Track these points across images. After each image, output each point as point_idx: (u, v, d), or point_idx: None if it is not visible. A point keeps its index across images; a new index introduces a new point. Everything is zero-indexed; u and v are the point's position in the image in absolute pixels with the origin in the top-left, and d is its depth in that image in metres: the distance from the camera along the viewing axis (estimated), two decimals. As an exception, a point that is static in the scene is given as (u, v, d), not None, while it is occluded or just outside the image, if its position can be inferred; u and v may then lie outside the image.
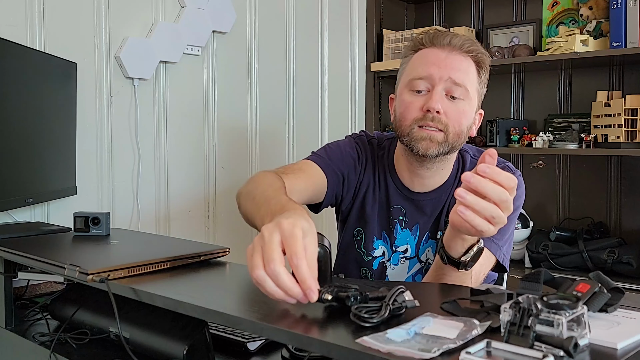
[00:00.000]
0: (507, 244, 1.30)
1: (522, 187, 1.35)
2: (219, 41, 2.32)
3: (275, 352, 1.11)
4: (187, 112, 2.24)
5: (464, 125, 1.30)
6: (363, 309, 0.78)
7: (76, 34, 1.91)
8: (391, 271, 1.42)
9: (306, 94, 2.69)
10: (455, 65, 1.28)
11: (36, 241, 1.41)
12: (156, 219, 2.14)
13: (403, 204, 1.40)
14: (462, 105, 1.29)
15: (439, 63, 1.28)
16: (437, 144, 1.27)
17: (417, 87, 1.29)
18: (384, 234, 1.42)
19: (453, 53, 1.29)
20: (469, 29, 2.90)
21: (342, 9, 2.84)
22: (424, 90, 1.29)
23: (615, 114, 2.40)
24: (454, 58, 1.29)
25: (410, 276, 1.40)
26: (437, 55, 1.29)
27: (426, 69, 1.28)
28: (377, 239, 1.42)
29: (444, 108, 1.27)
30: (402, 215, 1.41)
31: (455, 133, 1.28)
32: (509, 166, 1.37)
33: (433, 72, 1.27)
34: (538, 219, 2.77)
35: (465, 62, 1.29)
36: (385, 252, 1.43)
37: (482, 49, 1.34)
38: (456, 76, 1.27)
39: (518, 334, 0.66)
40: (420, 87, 1.29)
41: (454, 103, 1.28)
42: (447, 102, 1.28)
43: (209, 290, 1.09)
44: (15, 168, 1.57)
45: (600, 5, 2.58)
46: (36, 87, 1.65)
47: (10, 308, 1.36)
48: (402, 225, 1.41)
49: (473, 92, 1.30)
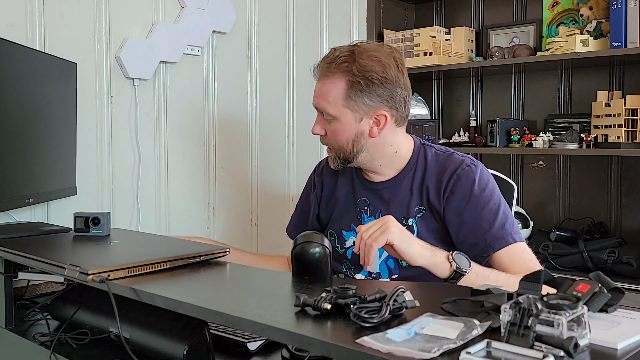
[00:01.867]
0: (510, 223, 1.40)
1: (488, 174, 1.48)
2: (219, 41, 2.32)
3: (275, 352, 1.11)
4: (187, 112, 2.24)
5: (340, 140, 1.46)
6: (363, 309, 0.78)
7: (76, 34, 1.91)
8: None
9: (306, 94, 2.67)
10: (317, 92, 1.47)
11: (36, 241, 1.41)
12: (156, 219, 2.14)
13: (367, 195, 1.54)
14: (333, 125, 1.45)
15: (315, 94, 1.48)
16: (332, 159, 1.51)
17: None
18: (352, 226, 1.54)
19: (320, 80, 1.47)
20: (469, 29, 2.90)
21: (342, 9, 2.84)
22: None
23: (616, 114, 2.40)
24: (318, 85, 1.47)
25: (382, 261, 1.48)
26: (315, 87, 1.48)
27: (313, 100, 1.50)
28: (345, 232, 1.55)
29: (326, 128, 1.47)
30: (366, 205, 1.54)
31: (338, 148, 1.47)
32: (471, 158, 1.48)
33: (313, 102, 1.48)
34: (538, 219, 2.76)
35: (326, 86, 1.44)
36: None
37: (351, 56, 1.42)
38: (318, 103, 1.46)
39: (518, 334, 0.66)
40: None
41: (330, 123, 1.46)
42: (327, 124, 1.47)
43: (209, 290, 1.09)
44: (15, 168, 1.57)
45: (601, 5, 2.58)
46: (36, 87, 1.65)
47: (11, 308, 1.36)
48: (368, 214, 1.53)
49: (338, 111, 1.43)
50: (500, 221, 1.39)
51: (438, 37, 2.82)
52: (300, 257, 1.11)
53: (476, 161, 1.48)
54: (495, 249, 1.37)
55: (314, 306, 0.83)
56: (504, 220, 1.39)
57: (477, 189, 1.41)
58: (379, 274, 1.48)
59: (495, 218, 1.39)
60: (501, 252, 1.36)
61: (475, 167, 1.45)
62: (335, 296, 0.83)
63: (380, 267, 1.48)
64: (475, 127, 2.95)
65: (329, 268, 1.13)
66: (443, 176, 1.44)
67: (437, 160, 1.48)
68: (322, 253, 1.11)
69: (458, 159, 1.47)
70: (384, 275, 1.48)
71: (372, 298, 0.82)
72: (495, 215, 1.39)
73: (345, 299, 0.82)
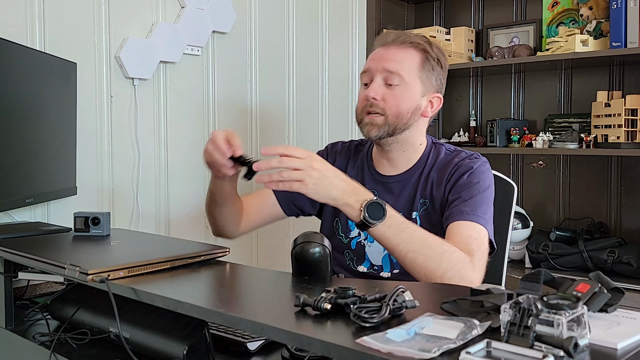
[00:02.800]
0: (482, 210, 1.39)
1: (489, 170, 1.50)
2: (219, 41, 2.32)
3: (275, 352, 1.11)
4: (187, 112, 2.24)
5: (402, 107, 1.46)
6: (363, 309, 0.78)
7: (76, 34, 1.91)
8: (369, 249, 1.52)
9: (306, 94, 2.69)
10: (390, 57, 1.48)
11: (36, 241, 1.41)
12: (156, 219, 2.14)
13: (375, 187, 1.53)
14: (398, 90, 1.46)
15: (377, 58, 1.49)
16: (378, 127, 1.46)
17: (364, 80, 1.51)
18: None
19: (391, 47, 1.49)
20: (469, 29, 2.90)
21: (342, 9, 2.84)
22: (368, 83, 1.49)
23: (616, 114, 2.40)
24: (390, 51, 1.49)
25: (385, 255, 1.49)
26: (378, 52, 1.51)
27: (368, 64, 1.51)
28: (351, 222, 1.51)
29: (383, 95, 1.46)
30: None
31: (394, 115, 1.45)
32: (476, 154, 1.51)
33: (371, 65, 1.49)
34: (538, 219, 2.76)
35: (401, 53, 1.48)
36: (361, 232, 1.53)
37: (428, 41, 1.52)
38: (389, 65, 1.46)
39: (518, 334, 0.66)
40: (365, 80, 1.51)
41: (391, 89, 1.46)
42: (385, 89, 1.47)
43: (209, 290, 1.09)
44: (15, 168, 1.57)
45: (600, 5, 2.58)
46: (36, 87, 1.65)
47: (11, 308, 1.36)
48: None
49: (411, 78, 1.47)
50: (473, 202, 1.38)
51: (438, 37, 2.82)
52: (300, 257, 1.11)
53: (482, 158, 1.50)
54: (452, 220, 1.37)
55: (314, 306, 0.83)
56: (477, 204, 1.38)
57: (467, 176, 1.43)
58: (381, 267, 1.49)
59: (470, 199, 1.39)
60: (454, 224, 1.36)
61: (476, 160, 1.48)
62: (335, 296, 0.83)
63: (382, 260, 1.49)
64: (475, 127, 2.95)
65: (329, 268, 1.13)
66: (447, 169, 1.47)
67: (445, 157, 1.52)
68: (322, 253, 1.11)
69: (463, 153, 1.51)
70: (386, 269, 1.49)
71: (372, 298, 0.82)
72: (471, 197, 1.39)
73: (345, 299, 0.82)
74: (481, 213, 1.37)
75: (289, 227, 2.59)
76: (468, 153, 1.52)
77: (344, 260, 1.55)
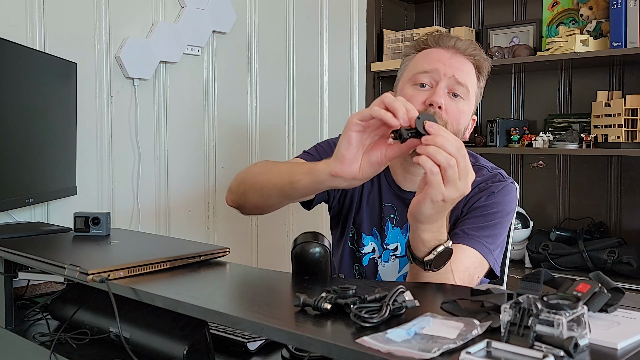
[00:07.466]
0: (499, 250, 1.29)
1: (511, 194, 1.35)
2: (219, 41, 2.32)
3: (275, 352, 1.11)
4: (187, 112, 2.24)
5: (461, 124, 1.31)
6: (363, 309, 0.78)
7: (76, 34, 1.91)
8: (382, 268, 1.42)
9: (306, 94, 2.69)
10: (459, 65, 1.31)
11: (36, 241, 1.41)
12: (156, 219, 2.14)
13: (394, 202, 1.40)
14: (462, 104, 1.31)
15: (444, 61, 1.30)
16: None
17: (422, 80, 1.30)
18: (374, 231, 1.42)
19: (457, 55, 1.32)
20: (469, 29, 2.90)
21: (342, 9, 2.84)
22: (427, 85, 1.30)
23: (616, 114, 2.40)
24: (457, 59, 1.32)
25: (401, 276, 1.39)
26: (442, 54, 1.32)
27: (432, 64, 1.30)
28: (366, 236, 1.42)
29: (446, 105, 1.28)
30: (393, 214, 1.41)
31: (453, 131, 1.26)
32: (501, 173, 1.37)
33: (439, 67, 1.29)
34: (538, 219, 2.76)
35: (467, 65, 1.33)
36: (375, 249, 1.42)
37: (484, 54, 1.37)
38: (459, 75, 1.30)
39: (518, 334, 0.66)
40: (425, 81, 1.30)
41: (455, 101, 1.30)
42: (449, 99, 1.29)
43: (209, 290, 1.09)
44: (15, 168, 1.57)
45: (600, 5, 2.58)
46: (36, 87, 1.65)
47: (11, 308, 1.36)
48: (393, 223, 1.41)
49: (472, 95, 1.33)
50: (484, 230, 1.25)
51: (438, 37, 2.82)
52: (300, 257, 1.11)
53: (507, 180, 1.35)
54: (456, 242, 1.21)
55: (314, 306, 0.83)
56: (488, 234, 1.25)
57: (485, 199, 1.30)
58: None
59: (482, 225, 1.26)
60: (457, 246, 1.20)
61: (500, 184, 1.33)
62: (335, 296, 0.83)
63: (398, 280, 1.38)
64: (475, 127, 2.95)
65: (329, 268, 1.12)
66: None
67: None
68: (322, 253, 1.11)
69: (485, 170, 1.37)
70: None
71: (372, 298, 0.82)
72: (483, 223, 1.26)
73: (345, 299, 0.82)
74: (489, 242, 1.25)
75: (289, 227, 2.59)
76: (493, 172, 1.36)
77: (352, 272, 1.43)
